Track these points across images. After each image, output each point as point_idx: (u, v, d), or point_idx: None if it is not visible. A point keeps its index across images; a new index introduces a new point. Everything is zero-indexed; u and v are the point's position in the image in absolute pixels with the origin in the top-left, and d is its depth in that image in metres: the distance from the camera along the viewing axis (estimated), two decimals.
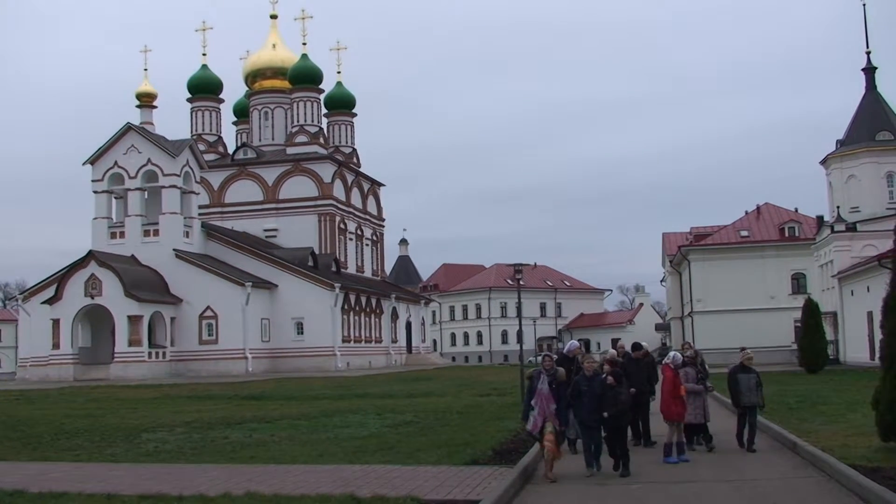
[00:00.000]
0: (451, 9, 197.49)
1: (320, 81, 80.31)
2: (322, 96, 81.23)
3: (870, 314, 43.28)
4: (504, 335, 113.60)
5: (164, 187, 61.63)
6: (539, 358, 16.33)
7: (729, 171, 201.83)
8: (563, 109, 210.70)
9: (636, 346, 17.79)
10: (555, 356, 15.85)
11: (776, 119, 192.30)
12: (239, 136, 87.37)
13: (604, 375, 14.08)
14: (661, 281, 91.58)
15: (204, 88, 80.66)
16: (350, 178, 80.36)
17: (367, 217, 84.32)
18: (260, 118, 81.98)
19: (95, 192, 62.55)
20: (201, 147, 72.46)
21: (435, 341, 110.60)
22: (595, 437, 13.88)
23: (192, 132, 78.92)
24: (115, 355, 55.55)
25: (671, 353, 16.56)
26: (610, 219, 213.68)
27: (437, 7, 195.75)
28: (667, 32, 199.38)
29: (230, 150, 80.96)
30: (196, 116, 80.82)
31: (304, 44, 79.97)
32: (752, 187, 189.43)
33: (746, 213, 71.55)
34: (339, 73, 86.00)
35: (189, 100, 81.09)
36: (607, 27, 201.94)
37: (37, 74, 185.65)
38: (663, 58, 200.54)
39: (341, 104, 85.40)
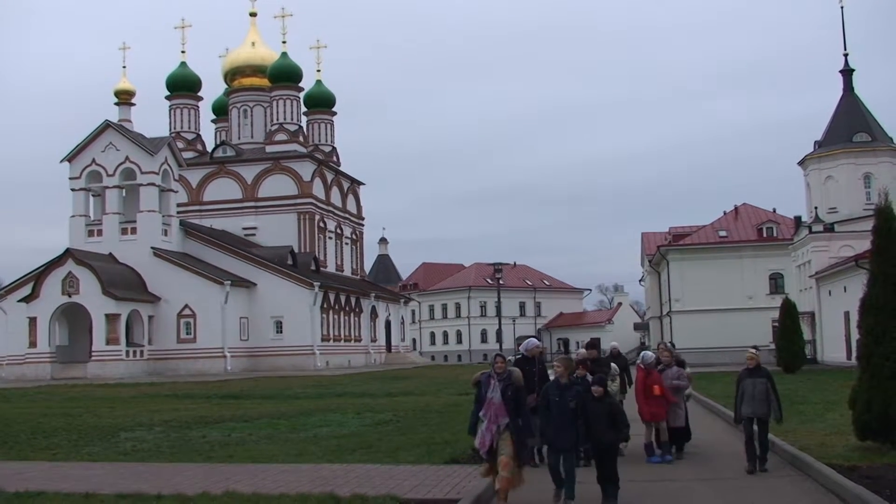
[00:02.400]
0: (431, 11, 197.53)
1: (300, 80, 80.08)
2: (302, 95, 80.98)
3: (847, 314, 43.60)
4: (483, 334, 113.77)
5: (142, 185, 61.29)
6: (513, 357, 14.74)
7: (707, 172, 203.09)
8: (544, 110, 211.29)
9: (591, 345, 16.29)
10: (511, 358, 13.38)
11: (755, 120, 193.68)
12: (218, 134, 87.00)
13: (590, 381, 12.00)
14: (640, 280, 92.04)
15: (183, 86, 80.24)
16: (329, 176, 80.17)
17: (347, 216, 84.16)
18: (239, 116, 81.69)
19: (73, 189, 62.16)
20: (180, 145, 72.14)
21: (414, 340, 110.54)
22: (567, 462, 11.12)
23: (170, 130, 78.47)
24: (93, 354, 55.24)
25: (643, 353, 16.19)
26: (589, 218, 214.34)
27: (418, 8, 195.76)
28: (648, 35, 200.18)
29: (209, 148, 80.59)
30: (175, 114, 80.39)
31: (284, 42, 79.75)
32: (730, 188, 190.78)
33: (725, 213, 71.97)
34: (318, 71, 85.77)
35: (168, 97, 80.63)
36: (588, 30, 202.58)
37: (13, 73, 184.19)
38: (643, 60, 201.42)
39: (321, 103, 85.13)
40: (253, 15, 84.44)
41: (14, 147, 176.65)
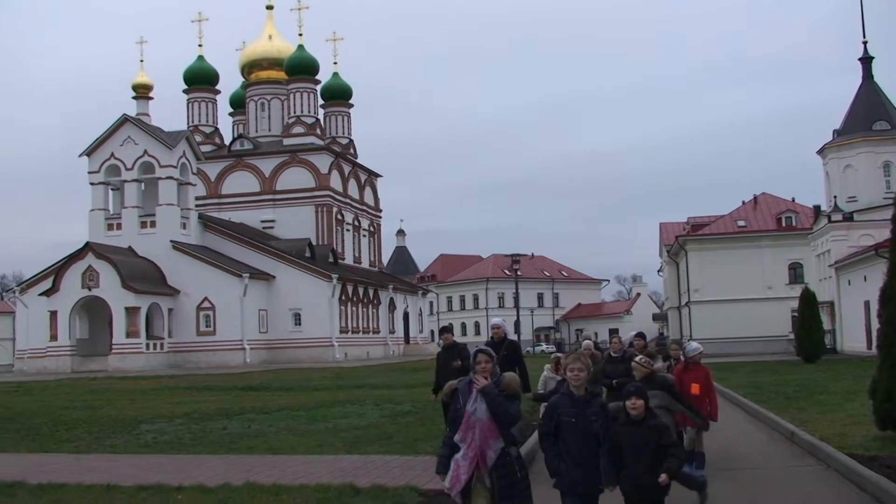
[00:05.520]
0: (446, 2, 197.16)
1: (317, 72, 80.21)
2: (319, 87, 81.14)
3: (867, 303, 43.37)
4: None
5: (160, 179, 61.58)
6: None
7: (726, 162, 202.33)
8: (562, 101, 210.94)
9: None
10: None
11: (774, 109, 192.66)
12: (235, 127, 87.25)
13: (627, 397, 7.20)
14: (659, 271, 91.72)
15: (200, 79, 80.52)
16: (347, 168, 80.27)
17: (365, 208, 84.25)
18: (256, 109, 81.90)
19: (92, 183, 62.50)
20: (198, 138, 72.41)
21: (432, 332, 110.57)
22: None
23: (188, 123, 78.81)
24: (113, 347, 55.61)
25: (688, 344, 13.04)
26: (608, 209, 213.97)
27: (433, 0, 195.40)
28: (665, 25, 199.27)
29: (227, 142, 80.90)
30: (192, 108, 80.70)
31: (301, 34, 79.91)
32: (749, 177, 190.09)
33: (744, 203, 71.58)
34: (335, 63, 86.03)
35: (185, 91, 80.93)
36: (605, 22, 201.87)
37: (33, 68, 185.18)
38: (661, 50, 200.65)
39: (338, 95, 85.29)
40: (269, 8, 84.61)
41: (33, 142, 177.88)
